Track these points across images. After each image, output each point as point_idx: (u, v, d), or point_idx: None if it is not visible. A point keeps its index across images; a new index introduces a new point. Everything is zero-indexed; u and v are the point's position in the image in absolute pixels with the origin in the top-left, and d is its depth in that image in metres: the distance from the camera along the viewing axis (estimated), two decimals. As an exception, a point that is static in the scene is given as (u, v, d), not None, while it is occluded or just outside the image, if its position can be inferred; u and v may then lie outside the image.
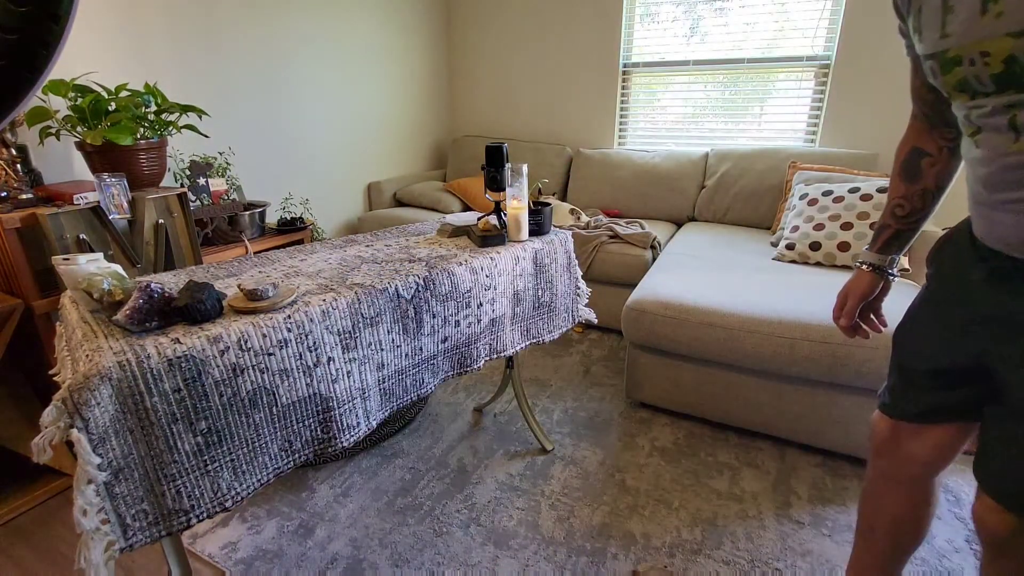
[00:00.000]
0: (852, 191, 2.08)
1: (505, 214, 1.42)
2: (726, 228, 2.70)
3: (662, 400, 1.86)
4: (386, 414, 1.13)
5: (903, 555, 0.99)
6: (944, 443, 0.87)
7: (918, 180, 0.88)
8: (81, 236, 1.47)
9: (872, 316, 0.99)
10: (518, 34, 3.41)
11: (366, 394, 1.06)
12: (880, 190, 2.03)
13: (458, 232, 1.46)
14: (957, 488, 1.53)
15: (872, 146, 2.68)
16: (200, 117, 1.88)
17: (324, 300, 0.98)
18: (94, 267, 0.93)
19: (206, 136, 1.93)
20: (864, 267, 0.95)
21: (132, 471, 0.78)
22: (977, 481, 0.78)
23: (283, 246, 2.26)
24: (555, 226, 2.58)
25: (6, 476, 1.52)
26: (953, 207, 1.79)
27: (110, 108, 1.61)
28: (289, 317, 0.92)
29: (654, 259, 2.41)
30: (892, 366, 0.92)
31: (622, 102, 3.27)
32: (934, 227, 2.13)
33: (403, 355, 1.13)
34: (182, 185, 2.07)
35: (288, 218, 2.37)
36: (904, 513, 0.95)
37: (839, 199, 2.09)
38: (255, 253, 1.74)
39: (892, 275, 0.94)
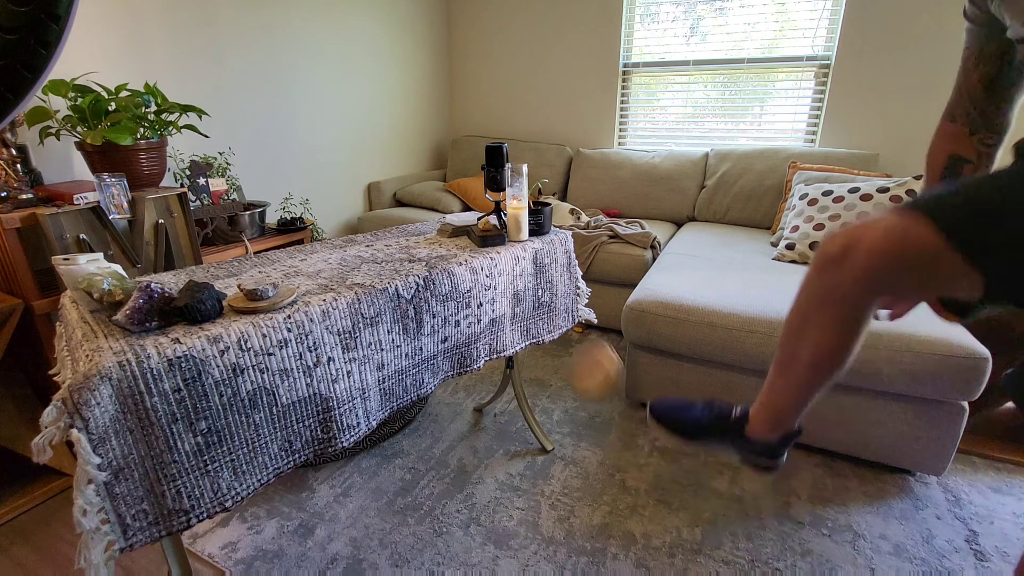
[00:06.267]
0: (852, 191, 2.08)
1: (505, 214, 1.42)
2: (726, 228, 2.70)
3: (662, 400, 1.86)
4: (386, 414, 1.13)
5: (824, 383, 0.83)
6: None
7: None
8: (81, 236, 1.47)
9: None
10: (518, 34, 3.41)
11: (366, 394, 1.06)
12: (880, 190, 2.03)
13: (458, 232, 1.46)
14: (957, 488, 1.53)
15: (872, 146, 2.68)
16: (200, 117, 1.88)
17: (324, 300, 0.98)
18: (94, 267, 0.93)
19: (206, 136, 1.93)
20: None
21: (132, 471, 0.78)
22: None
23: (283, 246, 2.26)
24: (555, 226, 2.58)
25: (6, 476, 1.52)
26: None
27: (110, 108, 1.61)
28: (289, 317, 0.92)
29: (654, 259, 2.41)
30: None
31: (622, 102, 3.27)
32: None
33: (403, 355, 1.13)
34: (182, 185, 2.07)
35: (288, 218, 2.37)
36: (840, 340, 0.76)
37: (839, 199, 2.09)
38: (255, 253, 1.74)
39: None
